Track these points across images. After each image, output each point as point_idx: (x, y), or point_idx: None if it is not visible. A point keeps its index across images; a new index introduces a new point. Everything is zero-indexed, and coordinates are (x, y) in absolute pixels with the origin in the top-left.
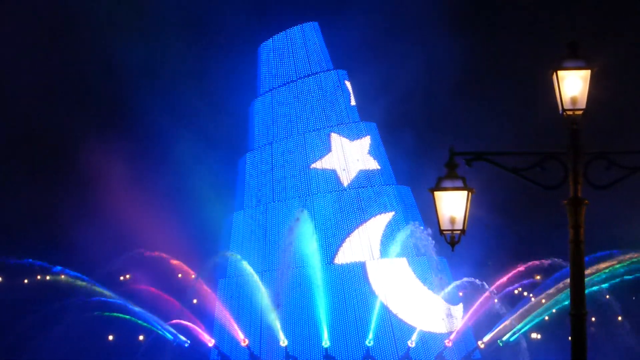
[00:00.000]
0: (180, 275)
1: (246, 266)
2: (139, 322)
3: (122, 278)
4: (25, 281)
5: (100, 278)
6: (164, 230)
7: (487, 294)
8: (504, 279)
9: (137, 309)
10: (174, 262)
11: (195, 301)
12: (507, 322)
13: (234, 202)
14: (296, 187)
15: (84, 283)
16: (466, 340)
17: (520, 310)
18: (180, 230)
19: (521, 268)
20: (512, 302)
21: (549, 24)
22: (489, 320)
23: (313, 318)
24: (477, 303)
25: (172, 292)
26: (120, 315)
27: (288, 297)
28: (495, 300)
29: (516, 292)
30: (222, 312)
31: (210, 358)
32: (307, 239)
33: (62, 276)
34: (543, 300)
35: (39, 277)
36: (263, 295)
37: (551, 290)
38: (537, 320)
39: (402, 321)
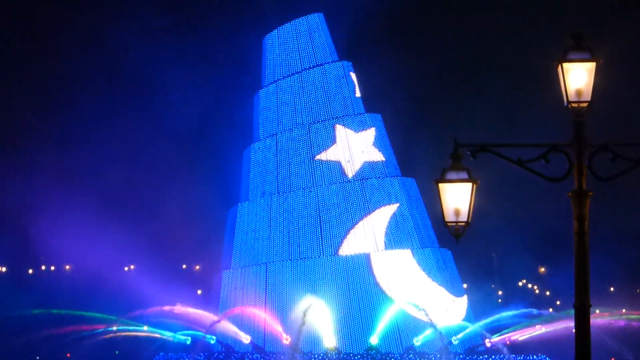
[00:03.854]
0: (184, 267)
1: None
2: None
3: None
4: None
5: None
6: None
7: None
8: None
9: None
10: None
11: (199, 292)
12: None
13: (238, 194)
14: (301, 178)
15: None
16: (472, 335)
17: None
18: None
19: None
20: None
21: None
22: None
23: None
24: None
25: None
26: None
27: (291, 289)
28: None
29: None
30: (226, 304)
31: (213, 350)
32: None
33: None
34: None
35: None
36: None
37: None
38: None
39: (406, 313)
